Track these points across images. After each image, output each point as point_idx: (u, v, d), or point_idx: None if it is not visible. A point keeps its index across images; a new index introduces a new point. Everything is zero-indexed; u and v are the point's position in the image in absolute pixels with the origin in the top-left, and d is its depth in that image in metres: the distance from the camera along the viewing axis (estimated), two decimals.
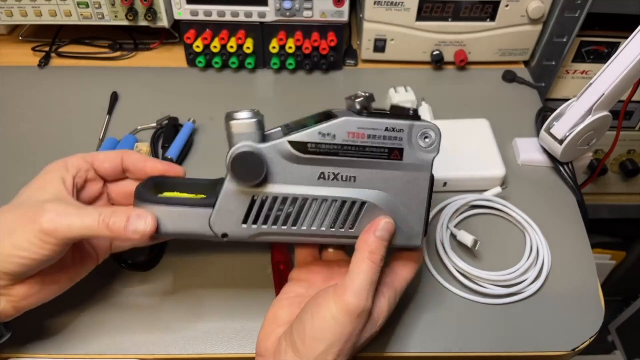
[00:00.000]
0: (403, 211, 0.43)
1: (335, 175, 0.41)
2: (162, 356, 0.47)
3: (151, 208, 0.40)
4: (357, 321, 0.39)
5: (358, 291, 0.39)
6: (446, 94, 0.73)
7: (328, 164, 0.41)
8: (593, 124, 0.56)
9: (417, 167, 0.42)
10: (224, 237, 0.41)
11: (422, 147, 0.42)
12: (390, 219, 0.42)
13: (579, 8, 0.70)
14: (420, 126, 0.42)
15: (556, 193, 0.60)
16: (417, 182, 0.42)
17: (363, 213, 0.42)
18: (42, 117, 0.68)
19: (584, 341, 0.48)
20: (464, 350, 0.47)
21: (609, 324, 1.29)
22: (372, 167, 0.41)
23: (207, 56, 0.73)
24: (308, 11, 0.70)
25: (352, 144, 0.41)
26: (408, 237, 0.43)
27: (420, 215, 0.43)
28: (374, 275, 0.40)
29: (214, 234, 0.41)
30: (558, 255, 0.54)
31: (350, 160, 0.41)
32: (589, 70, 0.82)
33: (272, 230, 0.41)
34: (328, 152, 0.40)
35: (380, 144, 0.41)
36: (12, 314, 0.41)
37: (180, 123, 0.66)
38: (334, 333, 0.38)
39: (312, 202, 0.41)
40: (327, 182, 0.41)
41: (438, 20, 0.72)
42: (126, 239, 0.40)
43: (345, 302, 0.38)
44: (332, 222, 0.42)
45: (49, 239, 0.38)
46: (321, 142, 0.40)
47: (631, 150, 0.97)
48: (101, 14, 0.72)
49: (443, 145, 0.42)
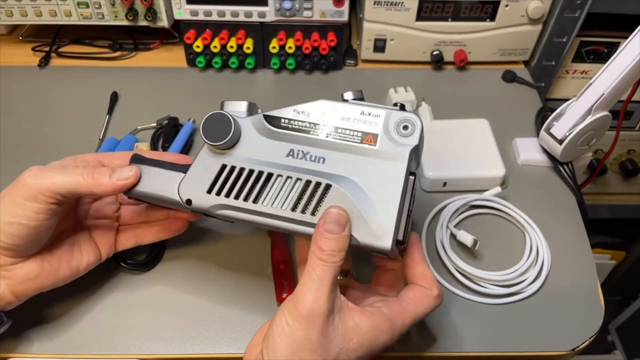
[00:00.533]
0: (371, 204, 0.39)
1: (304, 155, 0.41)
2: (162, 356, 0.47)
3: (133, 165, 0.43)
4: (308, 326, 0.35)
5: (306, 292, 0.35)
6: (446, 94, 0.73)
7: (299, 141, 0.41)
8: (593, 124, 0.56)
9: (392, 156, 0.40)
10: (188, 204, 0.42)
11: (400, 136, 0.40)
12: (340, 209, 0.38)
13: (579, 8, 0.70)
14: (399, 114, 0.40)
15: (556, 193, 0.60)
16: (390, 174, 0.39)
17: (327, 198, 0.39)
18: (42, 117, 0.68)
19: (584, 341, 0.48)
20: (464, 350, 0.47)
21: (609, 324, 1.29)
22: (344, 151, 0.40)
23: (207, 56, 0.73)
24: (308, 11, 0.70)
25: (325, 124, 0.41)
26: (375, 235, 0.38)
27: (392, 211, 0.39)
28: (324, 274, 0.36)
29: (180, 199, 0.42)
30: (558, 255, 0.54)
31: (321, 140, 0.41)
32: (589, 70, 0.82)
33: (233, 204, 0.41)
34: (300, 129, 0.41)
35: (353, 127, 0.41)
36: (11, 300, 0.42)
37: (180, 123, 0.66)
38: (287, 339, 0.35)
39: (277, 178, 0.41)
40: (295, 161, 0.41)
41: (438, 20, 0.72)
42: (112, 189, 0.42)
43: (293, 305, 0.36)
44: (294, 205, 0.40)
45: (37, 197, 0.39)
46: (294, 118, 0.41)
47: (631, 150, 0.97)
48: (101, 14, 0.72)
49: (443, 145, 0.42)
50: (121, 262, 0.51)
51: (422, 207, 0.58)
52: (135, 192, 0.43)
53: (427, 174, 0.58)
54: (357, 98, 0.42)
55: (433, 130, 0.62)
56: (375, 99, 0.71)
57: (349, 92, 0.42)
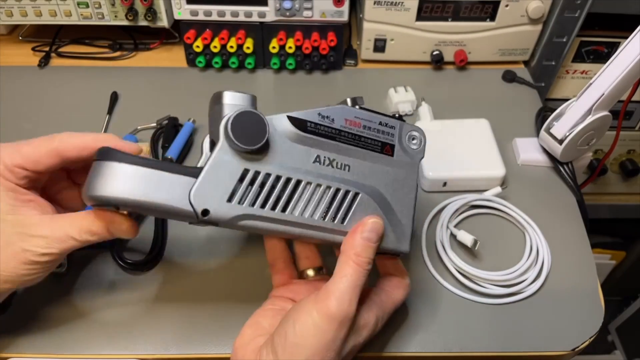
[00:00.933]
0: (393, 212, 0.41)
1: (330, 162, 0.40)
2: (162, 356, 0.47)
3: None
4: (339, 328, 0.37)
5: (340, 296, 0.36)
6: (446, 94, 0.73)
7: (326, 148, 0.40)
8: (593, 124, 0.56)
9: (406, 166, 0.43)
10: (204, 214, 0.35)
11: (411, 148, 0.43)
12: (379, 219, 0.40)
13: (579, 8, 0.70)
14: (408, 127, 0.43)
15: (556, 193, 0.60)
16: (406, 182, 0.42)
17: (355, 206, 0.40)
18: (42, 117, 0.68)
19: (584, 341, 0.48)
20: (464, 350, 0.47)
21: (609, 324, 1.29)
22: (366, 159, 0.41)
23: (207, 56, 0.73)
24: (308, 11, 0.70)
25: (349, 132, 0.41)
26: (397, 240, 0.41)
27: (409, 217, 0.42)
28: (358, 280, 0.37)
29: (193, 209, 0.35)
30: (558, 255, 0.54)
31: (347, 147, 0.40)
32: (589, 70, 0.82)
33: (259, 213, 0.37)
34: (327, 135, 0.40)
35: (374, 136, 0.41)
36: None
37: (180, 123, 0.66)
38: (315, 340, 0.36)
39: (306, 185, 0.38)
40: (322, 167, 0.39)
41: (438, 20, 0.72)
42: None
43: (327, 308, 0.36)
44: (324, 213, 0.39)
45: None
46: (321, 123, 0.39)
47: (631, 150, 0.97)
48: (101, 14, 0.72)
49: (443, 145, 0.43)
50: (121, 262, 0.51)
51: (422, 207, 0.58)
52: (127, 202, 0.35)
53: (427, 174, 0.58)
54: (356, 98, 0.42)
55: (433, 130, 0.62)
56: (375, 99, 0.72)
57: (356, 97, 0.42)
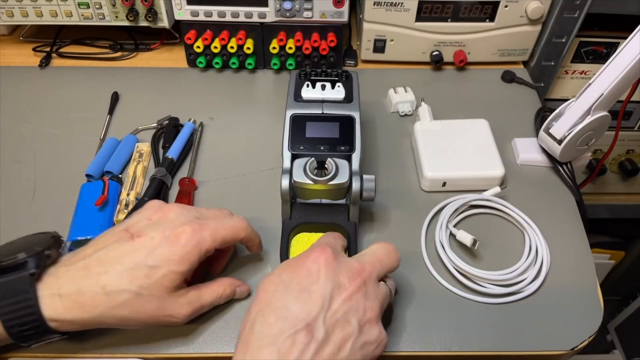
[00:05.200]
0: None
1: None
2: (162, 356, 0.47)
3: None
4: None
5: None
6: (446, 94, 0.73)
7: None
8: (592, 124, 0.57)
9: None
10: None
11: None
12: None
13: (578, 8, 0.70)
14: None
15: (555, 193, 0.60)
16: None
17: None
18: (43, 118, 0.68)
19: (583, 341, 0.48)
20: (464, 349, 0.48)
21: (608, 324, 1.29)
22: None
23: (207, 57, 0.73)
24: (308, 12, 0.70)
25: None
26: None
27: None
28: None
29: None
30: (557, 255, 0.54)
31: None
32: (588, 71, 0.82)
33: None
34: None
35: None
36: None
37: (180, 123, 0.66)
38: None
39: None
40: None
41: (437, 20, 0.72)
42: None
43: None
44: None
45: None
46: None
47: (630, 150, 0.97)
48: (102, 14, 0.73)
49: (443, 145, 0.42)
50: None
51: (421, 207, 0.58)
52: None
53: (426, 174, 0.58)
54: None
55: (433, 131, 0.63)
56: (375, 100, 0.72)
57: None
